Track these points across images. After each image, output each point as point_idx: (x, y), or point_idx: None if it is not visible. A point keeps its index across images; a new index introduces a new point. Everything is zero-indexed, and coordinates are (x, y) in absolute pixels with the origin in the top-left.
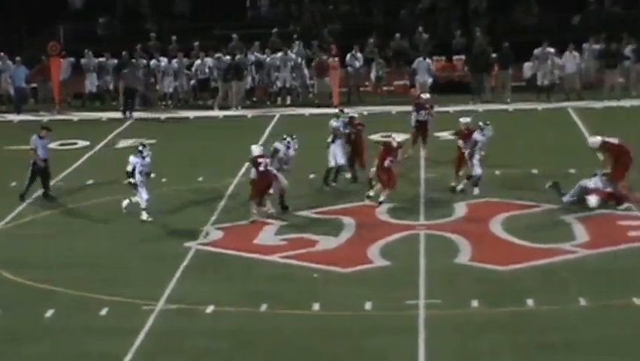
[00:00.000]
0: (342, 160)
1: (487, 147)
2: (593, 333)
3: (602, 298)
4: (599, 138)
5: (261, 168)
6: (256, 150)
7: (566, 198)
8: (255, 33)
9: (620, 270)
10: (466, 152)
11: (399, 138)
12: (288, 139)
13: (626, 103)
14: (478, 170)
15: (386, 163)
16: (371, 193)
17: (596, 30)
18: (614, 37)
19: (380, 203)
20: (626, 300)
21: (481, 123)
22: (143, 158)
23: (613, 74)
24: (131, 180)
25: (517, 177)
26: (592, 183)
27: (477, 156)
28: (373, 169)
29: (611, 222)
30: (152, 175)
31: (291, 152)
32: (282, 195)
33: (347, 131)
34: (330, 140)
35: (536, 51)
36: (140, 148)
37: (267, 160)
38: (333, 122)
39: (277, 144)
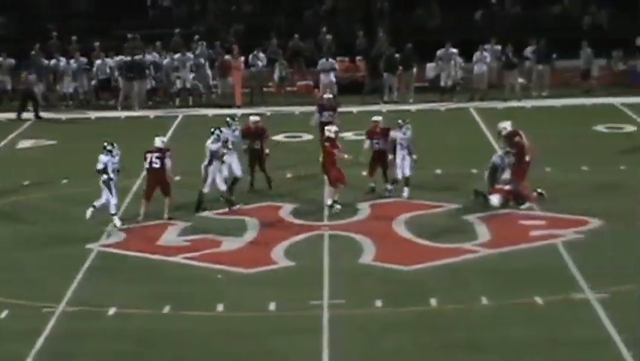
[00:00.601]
0: (239, 172)
1: (414, 145)
2: (496, 332)
3: (505, 297)
4: (509, 125)
5: (146, 165)
6: (157, 141)
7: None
8: (158, 33)
9: (521, 269)
10: (377, 148)
11: (332, 128)
12: (217, 132)
13: (527, 104)
14: (407, 171)
15: (338, 155)
16: (335, 198)
17: (498, 31)
18: (511, 38)
19: (331, 206)
20: (528, 299)
21: (400, 121)
22: (113, 156)
23: (512, 75)
24: (104, 177)
25: (421, 178)
26: (498, 157)
27: (401, 155)
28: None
29: (513, 222)
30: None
31: (214, 145)
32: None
33: (232, 140)
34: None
35: (439, 52)
36: (109, 147)
37: (154, 156)
38: (226, 131)
39: (211, 146)
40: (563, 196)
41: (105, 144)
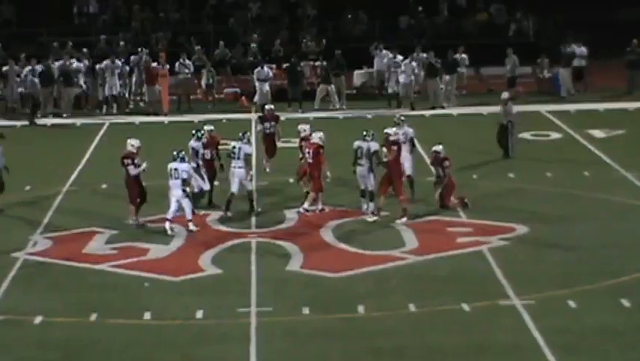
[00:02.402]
0: (207, 186)
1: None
2: (422, 339)
3: (432, 304)
4: (394, 131)
5: (128, 171)
6: (128, 144)
7: None
8: (84, 40)
9: (448, 276)
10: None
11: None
12: (248, 134)
13: (453, 111)
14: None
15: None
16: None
17: (424, 39)
18: (437, 46)
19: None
20: (454, 306)
21: (365, 133)
22: (187, 162)
23: (434, 82)
24: (186, 188)
25: (348, 185)
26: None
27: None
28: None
29: (440, 229)
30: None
31: (249, 147)
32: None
33: (203, 151)
34: (194, 164)
35: (386, 60)
36: (182, 154)
37: (129, 161)
38: (193, 143)
39: (244, 146)
40: (490, 203)
41: (175, 152)
